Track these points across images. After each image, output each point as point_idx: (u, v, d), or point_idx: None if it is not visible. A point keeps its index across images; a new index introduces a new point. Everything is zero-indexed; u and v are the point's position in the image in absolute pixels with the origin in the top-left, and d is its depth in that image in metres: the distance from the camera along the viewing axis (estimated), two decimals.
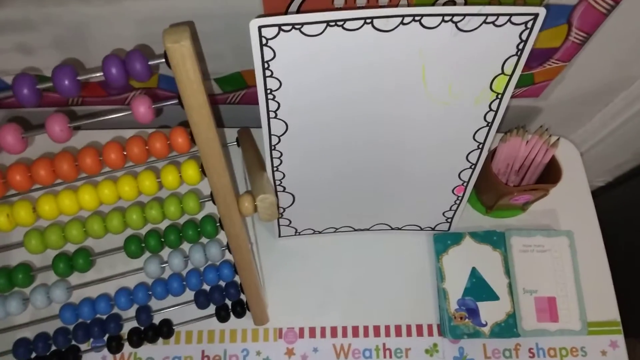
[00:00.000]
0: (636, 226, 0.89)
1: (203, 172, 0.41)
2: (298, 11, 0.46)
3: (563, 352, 0.57)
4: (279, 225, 0.58)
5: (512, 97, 0.67)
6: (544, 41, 0.56)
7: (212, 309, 0.55)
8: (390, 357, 0.57)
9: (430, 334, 0.58)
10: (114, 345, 0.52)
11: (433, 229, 0.61)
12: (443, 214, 0.58)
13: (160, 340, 0.55)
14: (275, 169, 0.49)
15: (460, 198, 0.56)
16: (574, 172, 0.66)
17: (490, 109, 0.45)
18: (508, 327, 0.57)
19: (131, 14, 0.47)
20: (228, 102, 0.66)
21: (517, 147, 0.59)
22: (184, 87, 0.35)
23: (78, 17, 0.48)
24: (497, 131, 0.47)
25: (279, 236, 0.60)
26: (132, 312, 0.52)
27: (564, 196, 0.64)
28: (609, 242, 0.63)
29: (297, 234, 0.60)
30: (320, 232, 0.61)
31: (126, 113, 0.36)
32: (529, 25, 0.38)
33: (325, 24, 0.37)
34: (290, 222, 0.58)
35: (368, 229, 0.61)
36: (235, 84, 0.62)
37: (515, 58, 0.40)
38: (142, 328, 0.53)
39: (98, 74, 0.34)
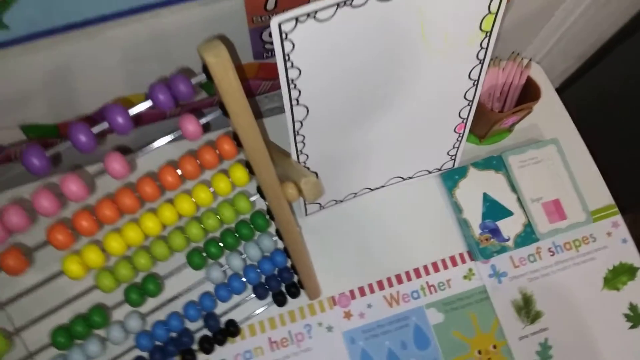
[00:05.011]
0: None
1: (250, 172, 0.43)
2: (275, 7, 0.48)
3: (577, 243, 0.65)
4: (305, 204, 0.61)
5: None
6: None
7: (267, 298, 0.58)
8: (436, 291, 0.62)
9: (464, 261, 0.64)
10: (189, 358, 0.54)
11: (440, 170, 0.66)
12: (447, 153, 0.63)
13: (228, 341, 0.58)
14: (299, 152, 0.52)
15: (461, 135, 0.61)
16: (541, 85, 0.72)
17: (482, 47, 0.49)
18: (527, 236, 0.63)
19: (114, 41, 0.47)
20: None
21: (495, 76, 0.64)
22: (229, 96, 0.36)
23: (60, 59, 0.47)
24: None
25: (306, 215, 0.63)
26: (199, 322, 0.54)
27: (538, 109, 0.70)
28: None
29: (322, 208, 0.63)
30: (341, 201, 0.64)
31: (176, 136, 0.38)
32: None
33: (335, 6, 0.39)
34: None
35: (383, 186, 0.65)
36: None
37: None
38: (211, 334, 0.55)
39: (147, 103, 0.35)
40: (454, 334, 0.60)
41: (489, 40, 0.49)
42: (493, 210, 0.64)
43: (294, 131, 0.49)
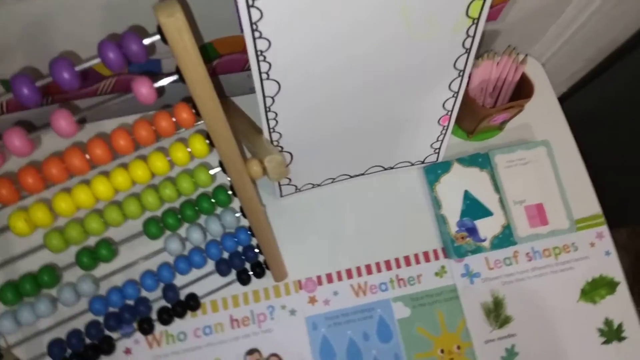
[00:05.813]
0: (595, 133, 0.96)
1: (210, 144, 0.42)
2: None
3: (556, 251, 0.63)
4: (279, 185, 0.60)
5: None
6: None
7: (232, 275, 0.57)
8: (405, 285, 0.61)
9: (437, 258, 0.62)
10: (146, 327, 0.54)
11: (423, 162, 0.64)
12: (431, 145, 0.61)
13: (188, 314, 0.57)
14: (272, 130, 0.50)
15: (445, 128, 0.59)
16: (539, 84, 0.69)
17: (468, 35, 0.47)
18: (505, 238, 0.61)
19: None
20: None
21: (489, 70, 0.61)
22: (183, 61, 0.35)
23: (39, 11, 0.46)
24: None
25: (281, 196, 0.62)
26: (158, 292, 0.53)
27: (534, 109, 0.67)
28: None
29: (298, 190, 0.62)
30: (319, 185, 0.63)
31: (128, 96, 0.37)
32: None
33: None
34: (290, 180, 0.60)
35: (363, 174, 0.63)
36: (206, 56, 0.62)
37: None
38: (170, 306, 0.55)
39: (95, 61, 0.34)
40: (418, 330, 0.59)
41: (476, 28, 0.47)
42: (473, 208, 0.62)
43: (265, 107, 0.47)
